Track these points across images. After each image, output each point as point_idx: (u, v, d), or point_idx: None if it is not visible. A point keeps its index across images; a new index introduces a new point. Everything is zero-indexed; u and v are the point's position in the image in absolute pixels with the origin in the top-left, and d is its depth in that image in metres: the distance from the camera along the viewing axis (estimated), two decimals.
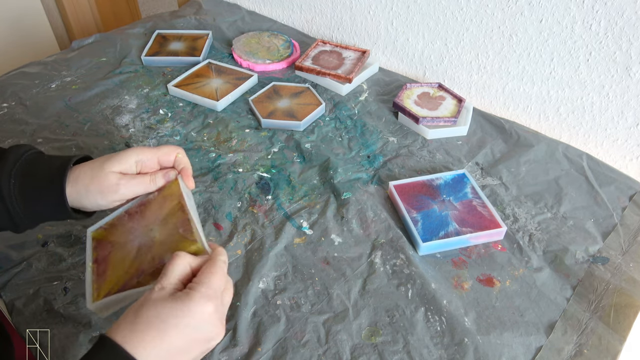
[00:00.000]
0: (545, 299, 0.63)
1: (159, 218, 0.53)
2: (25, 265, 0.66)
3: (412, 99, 0.96)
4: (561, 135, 0.92)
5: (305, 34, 1.24)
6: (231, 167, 0.83)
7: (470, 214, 0.73)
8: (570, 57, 0.84)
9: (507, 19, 0.88)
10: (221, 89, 1.00)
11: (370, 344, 0.58)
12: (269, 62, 1.10)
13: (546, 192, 0.78)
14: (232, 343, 0.58)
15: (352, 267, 0.67)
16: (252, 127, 0.93)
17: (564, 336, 0.59)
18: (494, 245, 0.70)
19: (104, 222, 0.56)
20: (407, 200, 0.75)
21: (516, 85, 0.93)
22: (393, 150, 0.88)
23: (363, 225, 0.73)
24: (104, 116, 0.94)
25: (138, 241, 0.52)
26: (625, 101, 0.81)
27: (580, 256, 0.68)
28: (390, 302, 0.63)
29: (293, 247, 0.70)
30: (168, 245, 0.50)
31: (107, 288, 0.49)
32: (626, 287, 0.64)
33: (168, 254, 0.47)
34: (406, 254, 0.68)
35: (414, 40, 1.05)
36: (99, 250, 0.53)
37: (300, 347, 0.58)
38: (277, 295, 0.64)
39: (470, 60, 0.97)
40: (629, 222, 0.73)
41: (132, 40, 1.18)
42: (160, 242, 0.50)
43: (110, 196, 0.53)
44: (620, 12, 0.75)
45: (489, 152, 0.87)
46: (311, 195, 0.79)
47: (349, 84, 1.01)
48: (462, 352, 0.57)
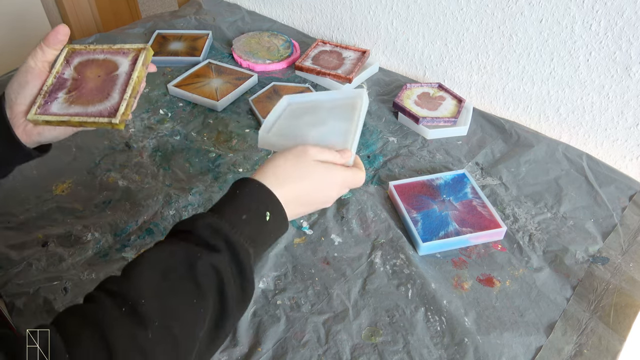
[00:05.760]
0: (545, 299, 0.63)
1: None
2: (25, 265, 0.66)
3: (412, 99, 0.96)
4: (561, 135, 0.92)
5: (305, 34, 1.24)
6: (231, 167, 0.83)
7: (470, 214, 0.73)
8: (570, 57, 0.84)
9: (507, 19, 0.88)
10: (221, 89, 1.00)
11: (370, 344, 0.58)
12: (269, 62, 1.10)
13: (546, 192, 0.78)
14: (232, 343, 0.58)
15: (352, 267, 0.67)
16: (252, 127, 0.93)
17: (564, 336, 0.59)
18: (494, 245, 0.70)
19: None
20: (407, 200, 0.75)
21: (516, 85, 0.93)
22: (393, 150, 0.88)
23: (363, 225, 0.73)
24: None
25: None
26: (625, 101, 0.81)
27: (580, 256, 0.68)
28: (390, 302, 0.63)
29: (293, 247, 0.70)
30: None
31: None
32: (626, 287, 0.64)
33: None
34: (406, 254, 0.68)
35: (414, 40, 1.05)
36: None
37: (300, 347, 0.58)
38: (277, 295, 0.64)
39: (470, 60, 0.97)
40: (629, 222, 0.73)
41: (132, 40, 1.18)
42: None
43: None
44: (620, 12, 0.75)
45: (489, 152, 0.87)
46: None
47: (349, 84, 1.01)
48: (462, 352, 0.57)
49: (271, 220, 0.47)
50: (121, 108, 0.55)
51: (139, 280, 0.39)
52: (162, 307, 0.38)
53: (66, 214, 0.74)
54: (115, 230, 0.71)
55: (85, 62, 0.60)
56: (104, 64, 0.60)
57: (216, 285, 0.41)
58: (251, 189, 0.47)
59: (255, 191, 0.47)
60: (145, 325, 0.37)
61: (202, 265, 0.41)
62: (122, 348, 0.35)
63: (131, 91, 0.56)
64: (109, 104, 0.56)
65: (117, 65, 0.59)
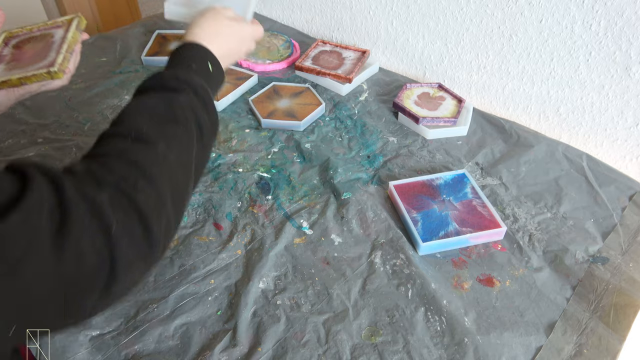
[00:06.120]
0: (545, 299, 0.63)
1: None
2: None
3: (412, 99, 0.96)
4: (561, 135, 0.92)
5: (305, 34, 1.24)
6: (231, 167, 0.83)
7: (470, 214, 0.73)
8: (570, 57, 0.84)
9: (507, 19, 0.88)
10: (221, 89, 1.00)
11: (370, 344, 0.58)
12: (269, 62, 1.10)
13: (546, 192, 0.78)
14: (232, 343, 0.58)
15: (352, 267, 0.67)
16: (252, 127, 0.93)
17: (564, 336, 0.59)
18: (494, 245, 0.70)
19: None
20: (407, 200, 0.75)
21: (516, 85, 0.93)
22: (393, 150, 0.88)
23: (363, 225, 0.73)
24: (104, 116, 0.94)
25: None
26: (625, 101, 0.81)
27: (580, 256, 0.68)
28: (390, 302, 0.63)
29: (293, 247, 0.70)
30: None
31: None
32: (626, 287, 0.64)
33: None
34: (406, 254, 0.68)
35: (414, 40, 1.05)
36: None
37: (300, 347, 0.58)
38: (277, 295, 0.64)
39: (470, 60, 0.97)
40: (628, 222, 0.73)
41: (132, 40, 1.18)
42: None
43: None
44: (620, 12, 0.75)
45: (489, 152, 0.87)
46: (311, 195, 0.79)
47: (349, 84, 1.01)
48: (462, 352, 0.57)
49: (213, 71, 0.56)
50: (58, 58, 0.58)
51: (132, 120, 0.45)
52: (161, 132, 0.44)
53: None
54: None
55: (23, 40, 0.64)
56: (40, 37, 0.64)
57: (193, 116, 0.48)
58: (191, 49, 0.55)
59: (195, 50, 0.55)
60: (154, 143, 0.42)
61: (178, 104, 0.48)
62: (148, 163, 0.41)
63: (67, 47, 0.60)
64: (47, 61, 0.59)
65: (53, 35, 0.64)
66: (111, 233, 0.34)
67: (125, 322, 0.60)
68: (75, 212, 0.33)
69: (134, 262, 0.37)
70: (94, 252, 0.33)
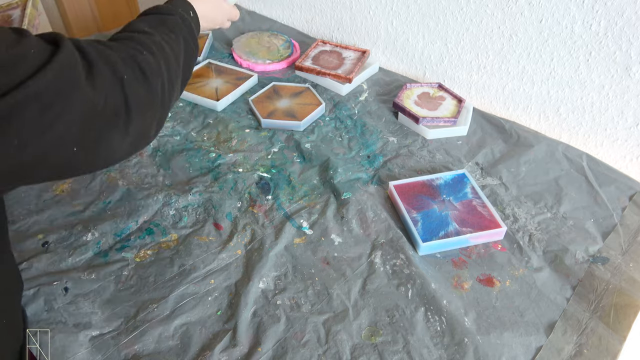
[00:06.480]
0: (545, 299, 0.63)
1: None
2: (25, 265, 0.66)
3: (412, 99, 0.96)
4: (561, 135, 0.92)
5: (305, 34, 1.24)
6: (231, 167, 0.83)
7: (470, 214, 0.73)
8: (570, 57, 0.84)
9: (507, 19, 0.88)
10: (221, 89, 1.00)
11: (370, 344, 0.58)
12: (269, 62, 1.10)
13: (546, 192, 0.78)
14: (232, 343, 0.58)
15: (352, 267, 0.67)
16: (252, 127, 0.93)
17: (564, 336, 0.59)
18: (494, 245, 0.70)
19: None
20: (407, 200, 0.75)
21: (516, 85, 0.93)
22: (393, 150, 0.88)
23: (363, 225, 0.73)
24: None
25: None
26: (625, 101, 0.81)
27: (580, 256, 0.68)
28: (390, 302, 0.63)
29: (293, 247, 0.70)
30: None
31: None
32: (626, 287, 0.64)
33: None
34: (406, 254, 0.68)
35: (414, 40, 1.05)
36: None
37: (300, 347, 0.58)
38: (277, 295, 0.64)
39: (470, 60, 0.97)
40: (629, 222, 0.73)
41: None
42: None
43: None
44: (620, 12, 0.75)
45: (489, 152, 0.87)
46: (311, 195, 0.79)
47: (349, 84, 1.01)
48: (462, 352, 0.57)
49: (193, 17, 0.67)
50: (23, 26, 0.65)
51: (135, 24, 0.57)
52: (158, 30, 0.57)
53: (66, 214, 0.74)
54: (115, 230, 0.71)
55: None
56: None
57: (181, 32, 0.61)
58: (178, 1, 0.67)
59: (181, 1, 0.67)
60: (153, 35, 0.55)
61: (171, 20, 0.61)
62: (148, 43, 0.53)
63: (28, 21, 0.66)
64: None
65: (10, 16, 0.68)
66: (124, 82, 0.45)
67: (125, 322, 0.60)
68: (97, 66, 0.43)
69: (141, 106, 0.48)
70: (114, 93, 0.44)
